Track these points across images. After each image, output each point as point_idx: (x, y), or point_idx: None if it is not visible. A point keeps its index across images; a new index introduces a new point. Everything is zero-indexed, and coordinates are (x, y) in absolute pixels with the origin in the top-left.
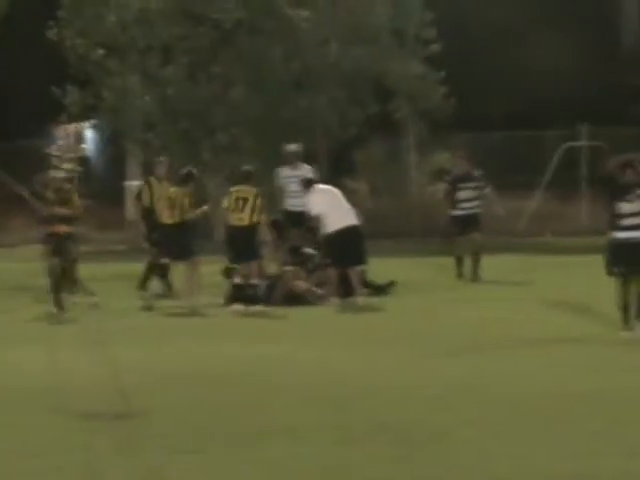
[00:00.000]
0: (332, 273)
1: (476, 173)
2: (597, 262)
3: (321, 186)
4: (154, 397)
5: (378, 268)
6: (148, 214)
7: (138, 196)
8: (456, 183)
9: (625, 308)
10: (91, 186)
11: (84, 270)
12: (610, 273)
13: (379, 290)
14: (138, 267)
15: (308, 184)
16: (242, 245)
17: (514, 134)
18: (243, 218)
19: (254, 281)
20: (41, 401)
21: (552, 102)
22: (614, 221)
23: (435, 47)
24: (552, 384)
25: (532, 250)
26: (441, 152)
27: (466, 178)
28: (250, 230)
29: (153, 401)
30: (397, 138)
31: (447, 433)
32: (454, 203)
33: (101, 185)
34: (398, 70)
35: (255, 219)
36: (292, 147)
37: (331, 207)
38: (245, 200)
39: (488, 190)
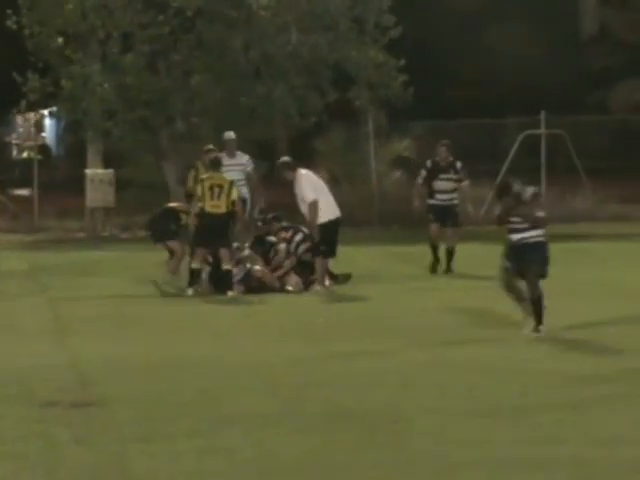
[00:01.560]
0: (321, 262)
1: (458, 165)
2: (554, 250)
3: (305, 171)
4: (113, 386)
5: (339, 257)
6: (190, 198)
7: (184, 180)
8: (436, 172)
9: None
10: (51, 174)
11: (45, 258)
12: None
13: (335, 279)
14: (97, 255)
15: (289, 167)
16: (218, 232)
17: (474, 122)
18: (220, 205)
19: (227, 267)
20: None
21: (512, 90)
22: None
23: (394, 33)
24: (515, 372)
25: (491, 238)
26: (400, 140)
27: (447, 168)
28: (227, 217)
29: (112, 390)
30: (356, 126)
31: (408, 420)
32: (431, 192)
33: (61, 173)
34: (357, 58)
35: (230, 206)
36: (230, 134)
37: (321, 195)
38: (220, 187)
39: (466, 184)
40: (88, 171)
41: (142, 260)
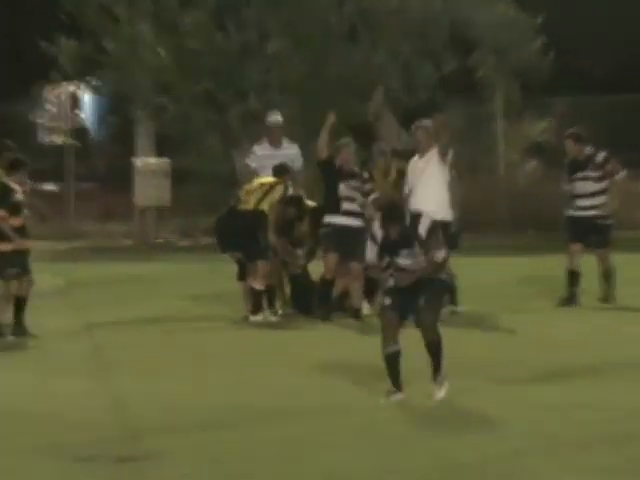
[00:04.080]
0: None
1: (599, 157)
2: None
3: None
4: (167, 436)
5: (454, 268)
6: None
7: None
8: (573, 171)
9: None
10: (91, 164)
11: (83, 272)
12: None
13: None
14: (149, 268)
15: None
16: (241, 234)
17: (627, 98)
18: (248, 201)
19: (256, 286)
20: (28, 437)
21: None
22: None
23: None
24: None
25: None
26: (536, 121)
27: (584, 164)
28: (253, 217)
29: (166, 441)
30: (480, 103)
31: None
32: (569, 199)
33: (103, 163)
34: (481, 16)
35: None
36: (276, 117)
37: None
38: (262, 185)
39: (621, 175)
40: (137, 160)
41: (205, 274)
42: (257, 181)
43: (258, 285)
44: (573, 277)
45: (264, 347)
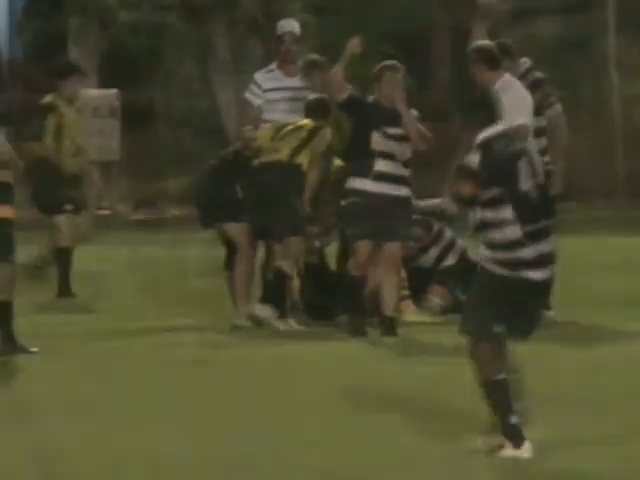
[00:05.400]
0: None
1: None
2: None
3: (514, 79)
4: None
5: None
6: None
7: None
8: None
9: None
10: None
11: None
12: None
13: None
14: (84, 254)
15: (490, 60)
16: (271, 196)
17: None
18: (279, 149)
19: (283, 267)
20: None
21: None
22: None
23: None
24: None
25: None
26: None
27: None
28: (288, 171)
29: None
30: (582, 11)
31: None
32: None
33: (20, 94)
34: None
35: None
36: (290, 24)
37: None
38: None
39: None
40: None
41: (174, 263)
42: (283, 123)
43: (289, 267)
44: None
45: (259, 373)
